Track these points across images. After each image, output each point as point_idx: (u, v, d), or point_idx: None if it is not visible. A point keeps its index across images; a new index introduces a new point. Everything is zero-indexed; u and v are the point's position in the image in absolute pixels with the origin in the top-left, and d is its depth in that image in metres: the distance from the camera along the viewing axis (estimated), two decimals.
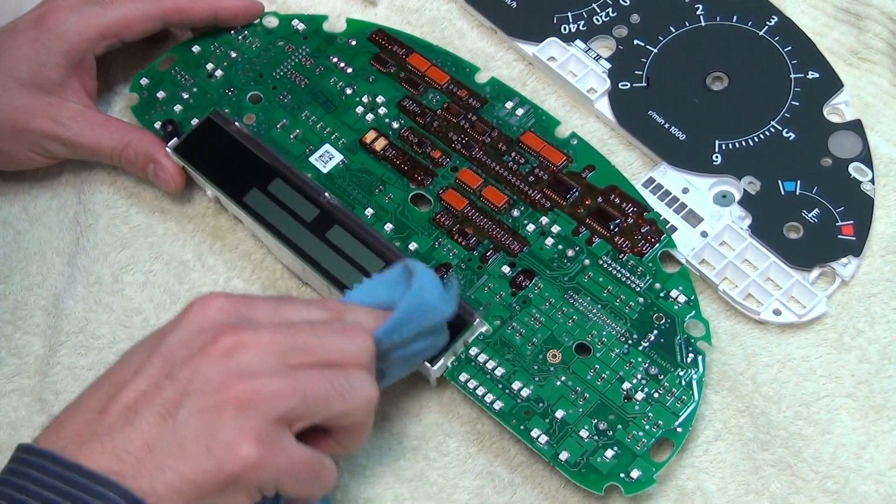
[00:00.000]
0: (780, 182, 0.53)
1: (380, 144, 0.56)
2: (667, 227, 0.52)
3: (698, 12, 0.58)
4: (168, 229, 0.57)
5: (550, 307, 0.51)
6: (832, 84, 0.56)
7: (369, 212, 0.54)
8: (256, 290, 0.55)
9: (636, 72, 0.57)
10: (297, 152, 0.56)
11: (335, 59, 0.59)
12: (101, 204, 0.58)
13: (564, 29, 0.58)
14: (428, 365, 0.50)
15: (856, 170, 0.53)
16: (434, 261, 0.53)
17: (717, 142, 0.55)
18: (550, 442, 0.48)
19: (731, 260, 0.52)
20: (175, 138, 0.56)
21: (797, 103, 0.55)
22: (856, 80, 0.57)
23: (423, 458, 0.51)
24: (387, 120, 0.57)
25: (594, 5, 0.59)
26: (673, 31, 0.58)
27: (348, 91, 0.58)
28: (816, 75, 0.56)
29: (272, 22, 0.60)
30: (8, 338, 0.56)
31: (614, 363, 0.50)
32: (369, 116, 0.57)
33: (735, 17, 0.58)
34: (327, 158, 0.56)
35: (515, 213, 0.54)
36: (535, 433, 0.48)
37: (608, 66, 0.57)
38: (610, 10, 0.59)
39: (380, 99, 0.57)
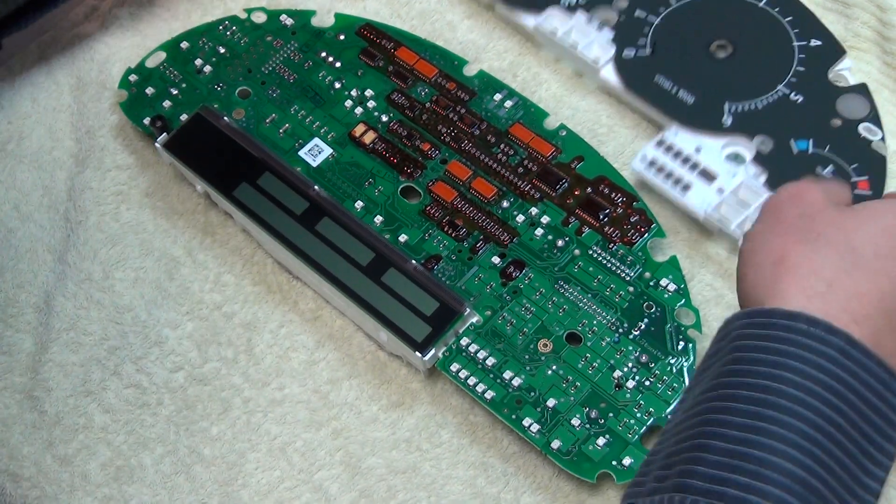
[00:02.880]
0: (792, 141, 0.53)
1: (369, 138, 0.56)
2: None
3: None
4: (158, 225, 0.57)
5: (541, 297, 0.51)
6: (834, 51, 0.56)
7: (359, 204, 0.54)
8: (247, 285, 0.55)
9: (640, 40, 0.57)
10: (286, 146, 0.56)
11: (324, 54, 0.59)
12: (91, 201, 0.58)
13: (564, 1, 0.58)
14: (419, 355, 0.50)
15: (865, 129, 0.53)
16: (424, 252, 0.53)
17: (726, 104, 0.55)
18: (542, 431, 0.48)
19: (749, 214, 0.51)
20: (164, 134, 0.57)
21: (802, 69, 0.55)
22: None
23: (415, 449, 0.51)
24: (376, 113, 0.57)
25: None
26: (673, 2, 0.58)
27: (337, 85, 0.58)
28: (819, 43, 0.56)
29: (260, 17, 0.60)
30: None
31: (605, 352, 0.50)
32: (358, 110, 0.57)
33: None
34: (317, 152, 0.56)
35: (505, 203, 0.54)
36: (526, 422, 0.48)
37: (611, 34, 0.57)
38: None
39: (368, 93, 0.57)
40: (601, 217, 0.53)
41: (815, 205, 0.42)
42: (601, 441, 0.48)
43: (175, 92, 0.58)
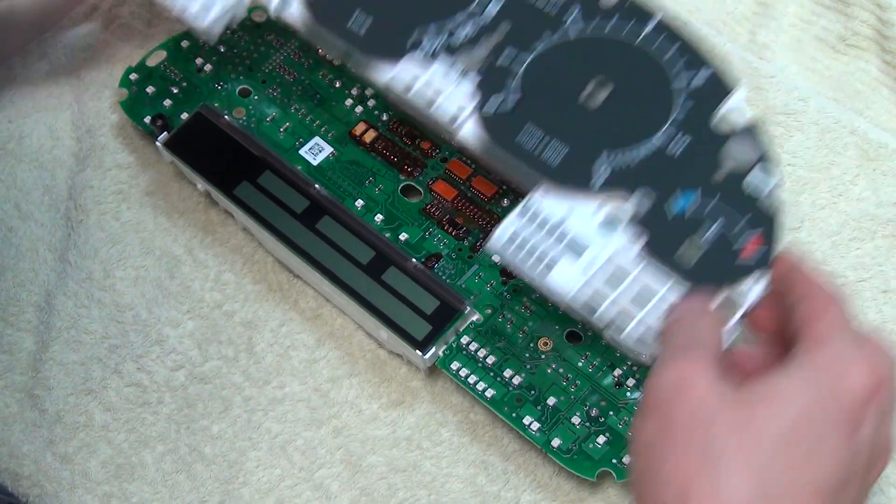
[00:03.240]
0: (673, 196, 0.47)
1: (369, 136, 0.56)
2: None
3: (569, 22, 0.52)
4: (159, 224, 0.58)
5: (541, 296, 0.51)
6: (723, 87, 0.49)
7: (359, 203, 0.54)
8: (247, 284, 0.55)
9: (505, 89, 0.51)
10: (286, 145, 0.56)
11: (324, 53, 0.59)
12: (92, 199, 0.58)
13: (423, 47, 0.52)
14: (419, 354, 0.50)
15: (756, 176, 0.47)
16: (424, 251, 0.53)
17: (600, 158, 0.48)
18: (542, 429, 0.48)
19: (621, 291, 0.45)
20: (165, 133, 0.57)
21: (685, 111, 0.49)
22: (844, 66, 0.57)
23: (416, 447, 0.51)
24: (376, 112, 0.57)
25: (456, 19, 0.52)
26: (543, 42, 0.51)
27: (337, 84, 0.58)
28: (705, 78, 0.49)
29: (261, 16, 0.60)
30: (0, 335, 0.56)
31: (605, 350, 0.50)
32: (358, 109, 0.57)
33: (611, 24, 0.52)
34: (317, 151, 0.56)
35: (505, 202, 0.54)
36: (527, 420, 0.49)
37: (476, 81, 0.51)
38: (472, 24, 0.52)
39: (369, 91, 0.57)
40: None
41: (707, 403, 0.37)
42: (601, 439, 0.48)
43: (175, 91, 0.58)
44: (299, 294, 0.55)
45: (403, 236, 0.53)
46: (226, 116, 0.57)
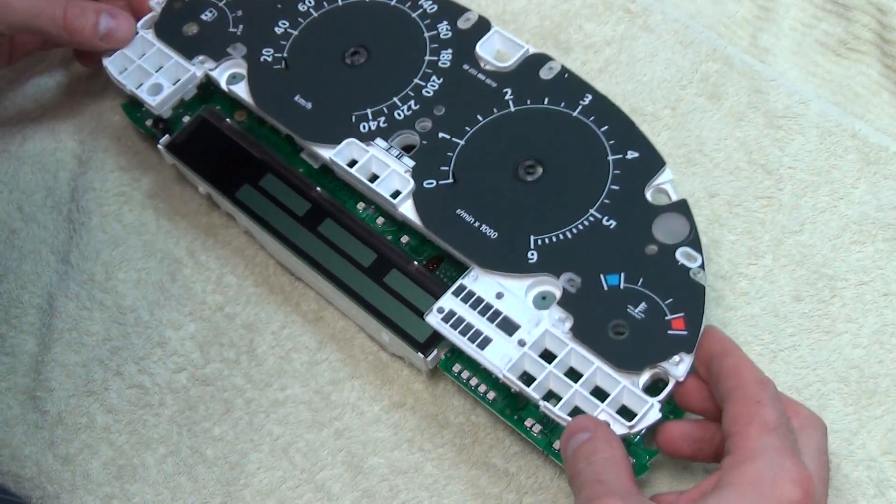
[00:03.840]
0: (602, 276, 0.48)
1: None
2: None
3: (507, 97, 0.53)
4: (161, 226, 0.58)
5: None
6: (654, 163, 0.50)
7: (361, 206, 0.54)
8: (249, 286, 0.56)
9: (442, 167, 0.52)
10: (288, 148, 0.56)
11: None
12: (94, 202, 0.58)
13: (364, 127, 0.54)
14: (421, 356, 0.50)
15: (684, 255, 0.48)
16: (426, 253, 0.53)
17: (532, 238, 0.50)
18: (544, 431, 0.48)
19: (551, 370, 0.46)
20: (167, 136, 0.57)
21: (617, 187, 0.50)
22: (845, 70, 0.58)
23: (417, 449, 0.51)
24: None
25: (395, 99, 0.54)
26: (480, 119, 0.53)
27: None
28: (636, 155, 0.51)
29: None
30: (2, 337, 0.56)
31: None
32: None
33: (546, 99, 0.53)
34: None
35: None
36: (528, 423, 0.48)
37: (412, 163, 0.52)
38: (412, 102, 0.54)
39: None
40: None
41: None
42: None
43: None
44: (301, 296, 0.55)
45: (405, 239, 0.53)
46: (227, 119, 0.57)
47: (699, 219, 0.53)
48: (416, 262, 0.52)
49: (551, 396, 0.47)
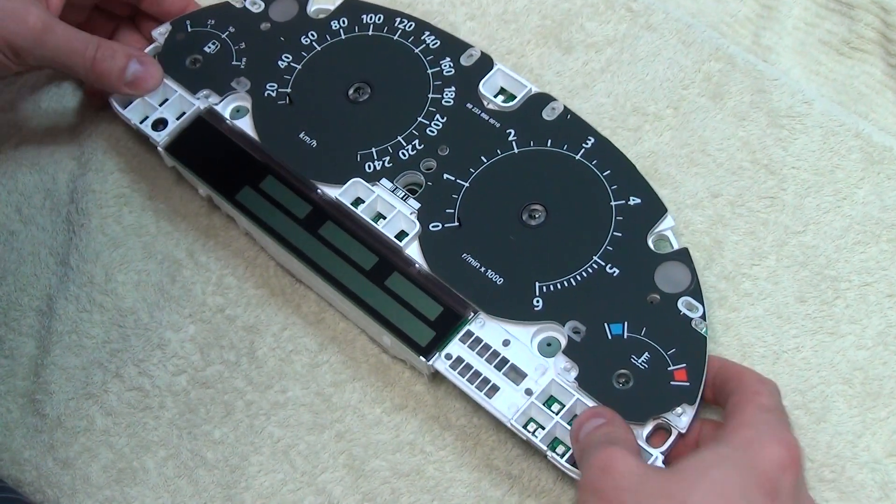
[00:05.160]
0: (606, 325, 0.49)
1: None
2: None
3: (510, 138, 0.53)
4: (161, 228, 0.57)
5: None
6: (655, 210, 0.51)
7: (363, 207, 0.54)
8: (250, 288, 0.55)
9: (447, 210, 0.52)
10: None
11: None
12: (94, 203, 0.58)
13: (369, 167, 0.54)
14: (423, 359, 0.50)
15: (685, 305, 0.49)
16: None
17: (536, 284, 0.50)
18: (546, 434, 0.48)
19: (558, 420, 0.47)
20: (167, 137, 0.56)
21: (619, 234, 0.51)
22: (848, 69, 0.57)
23: (419, 452, 0.51)
24: None
25: (399, 138, 0.54)
26: (485, 160, 0.53)
27: None
28: (638, 201, 0.51)
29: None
30: (1, 339, 0.56)
31: None
32: None
33: (549, 141, 0.53)
34: None
35: None
36: (531, 427, 0.48)
37: (417, 205, 0.52)
38: (416, 142, 0.54)
39: None
40: None
41: (631, 476, 0.41)
42: None
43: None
44: (301, 298, 0.55)
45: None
46: (227, 121, 0.56)
47: (702, 219, 0.53)
48: (417, 265, 0.52)
49: (558, 443, 0.47)
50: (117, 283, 0.56)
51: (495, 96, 0.55)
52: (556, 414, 0.47)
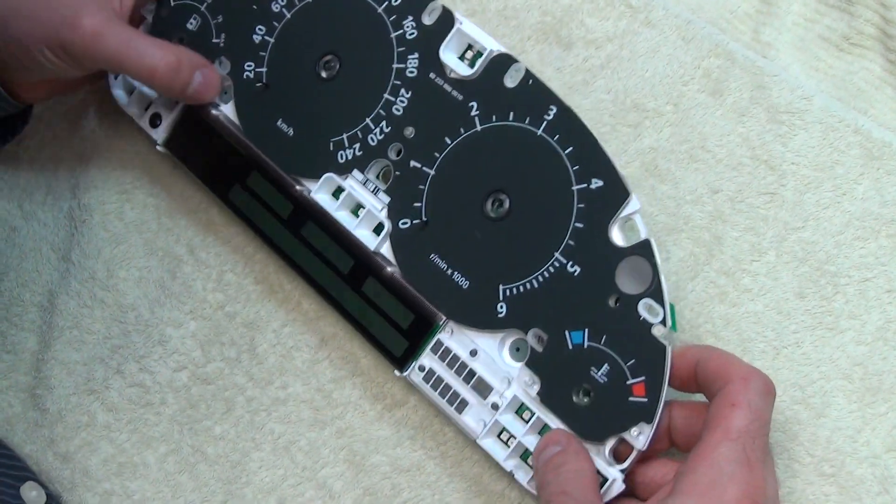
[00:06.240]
0: (567, 333, 0.46)
1: None
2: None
3: (473, 112, 0.50)
4: (162, 224, 0.57)
5: None
6: (619, 193, 0.46)
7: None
8: (249, 284, 0.55)
9: (415, 204, 0.50)
10: None
11: None
12: (95, 199, 0.58)
13: (341, 157, 0.52)
14: (397, 373, 0.50)
15: (646, 308, 0.45)
16: None
17: (501, 287, 0.48)
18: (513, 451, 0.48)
19: (520, 439, 0.47)
20: (163, 133, 0.56)
21: (581, 224, 0.47)
22: (848, 65, 0.57)
23: (420, 447, 0.51)
24: None
25: (368, 121, 0.52)
26: (449, 142, 0.50)
27: None
28: (601, 183, 0.47)
29: None
30: (3, 334, 0.56)
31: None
32: None
33: (512, 114, 0.49)
34: None
35: None
36: (504, 436, 0.48)
37: (387, 199, 0.51)
38: (384, 124, 0.52)
39: None
40: None
41: None
42: None
43: None
44: (302, 294, 0.55)
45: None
46: (213, 110, 0.55)
47: (702, 215, 0.53)
48: (390, 269, 0.51)
49: (529, 455, 0.47)
50: (118, 279, 0.56)
51: (460, 58, 0.51)
52: (521, 431, 0.47)
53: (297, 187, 0.53)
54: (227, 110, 0.55)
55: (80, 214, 0.58)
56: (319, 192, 0.52)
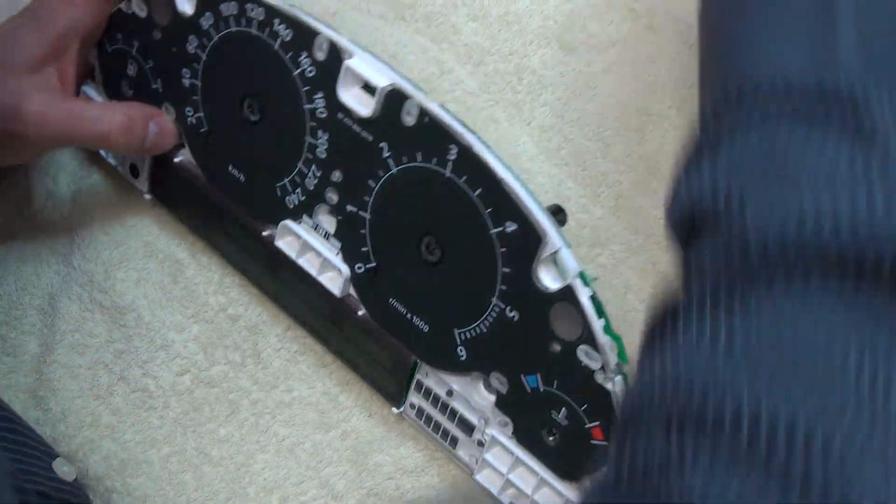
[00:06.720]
0: (522, 377, 0.44)
1: None
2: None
3: (385, 154, 0.46)
4: (163, 227, 0.57)
5: None
6: (533, 235, 0.42)
7: None
8: (252, 287, 0.55)
9: (363, 248, 0.48)
10: None
11: None
12: (96, 202, 0.58)
13: (290, 202, 0.50)
14: (395, 410, 0.50)
15: (584, 354, 0.42)
16: None
17: (456, 332, 0.45)
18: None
19: (507, 477, 0.46)
20: (145, 182, 0.56)
21: (508, 269, 0.43)
22: None
23: (424, 447, 0.51)
24: None
25: (300, 165, 0.49)
26: (372, 185, 0.46)
27: None
28: (514, 226, 0.42)
29: None
30: (3, 338, 0.56)
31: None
32: None
33: (419, 154, 0.45)
34: None
35: None
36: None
37: (339, 244, 0.49)
38: (315, 167, 0.48)
39: None
40: None
41: None
42: None
43: None
44: None
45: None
46: (174, 158, 0.54)
47: None
48: (362, 311, 0.49)
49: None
50: (119, 282, 0.56)
51: (363, 90, 0.46)
52: (506, 468, 0.46)
53: (265, 233, 0.52)
54: (188, 154, 0.54)
55: (80, 218, 0.57)
56: (280, 240, 0.50)
